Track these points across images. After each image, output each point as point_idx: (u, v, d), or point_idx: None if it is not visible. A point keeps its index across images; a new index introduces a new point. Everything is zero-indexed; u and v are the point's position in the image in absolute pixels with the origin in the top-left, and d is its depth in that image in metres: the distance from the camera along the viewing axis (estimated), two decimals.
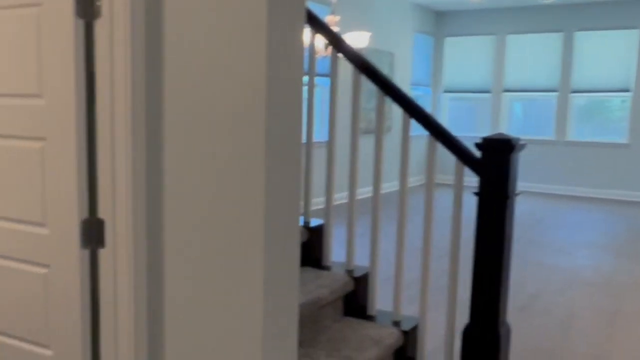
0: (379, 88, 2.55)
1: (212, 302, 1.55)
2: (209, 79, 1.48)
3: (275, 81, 1.45)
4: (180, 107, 1.53)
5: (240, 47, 1.43)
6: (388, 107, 9.19)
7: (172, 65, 1.52)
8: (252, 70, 1.42)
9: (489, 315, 2.42)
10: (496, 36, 10.15)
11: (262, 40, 1.40)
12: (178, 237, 1.58)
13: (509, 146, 2.33)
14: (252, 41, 1.41)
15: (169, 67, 1.53)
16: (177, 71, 1.52)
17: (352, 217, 2.69)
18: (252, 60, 1.42)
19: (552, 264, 5.35)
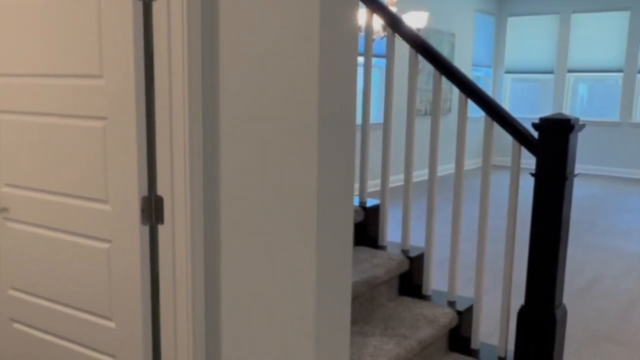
0: (436, 69, 2.52)
1: (266, 277, 1.59)
2: (263, 60, 1.50)
3: (328, 62, 1.45)
4: (235, 87, 1.55)
5: (294, 29, 1.44)
6: (448, 88, 9.03)
7: (227, 45, 1.55)
8: (305, 51, 1.43)
9: (544, 297, 2.37)
10: (560, 15, 9.79)
11: (315, 21, 1.41)
12: (233, 214, 1.62)
13: (567, 126, 2.26)
14: (305, 22, 1.42)
15: (224, 47, 1.56)
16: (232, 51, 1.55)
17: (408, 198, 2.68)
18: (306, 40, 1.43)
19: (614, 248, 5.18)
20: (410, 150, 2.66)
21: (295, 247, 1.52)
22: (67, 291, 1.96)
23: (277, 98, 1.49)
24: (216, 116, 1.60)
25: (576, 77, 9.82)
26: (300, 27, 1.43)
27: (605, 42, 9.47)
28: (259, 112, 1.52)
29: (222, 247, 1.66)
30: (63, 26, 1.78)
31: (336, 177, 1.54)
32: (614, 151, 9.50)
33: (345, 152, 1.57)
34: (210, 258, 1.69)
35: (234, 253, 1.63)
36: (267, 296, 1.59)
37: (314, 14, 1.41)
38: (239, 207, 1.60)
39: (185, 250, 1.67)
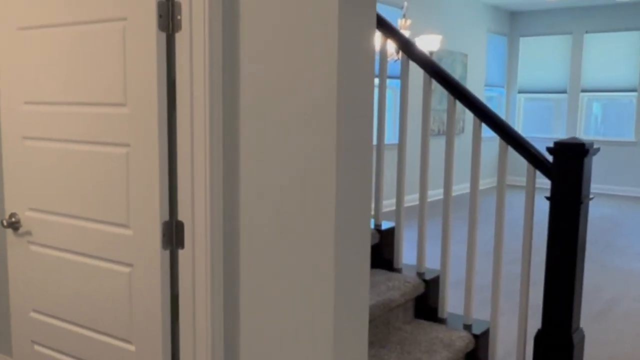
0: (450, 93, 2.55)
1: (285, 302, 1.61)
2: (283, 87, 1.54)
3: (346, 85, 1.49)
4: (255, 114, 1.59)
5: (313, 54, 1.48)
6: (461, 108, 9.06)
7: (247, 74, 1.60)
8: (324, 76, 1.47)
9: (561, 321, 2.37)
10: (572, 35, 9.82)
11: (334, 46, 1.45)
12: (252, 238, 1.65)
13: (582, 151, 2.28)
14: (324, 47, 1.46)
15: (244, 76, 1.60)
16: (252, 79, 1.59)
17: (422, 220, 2.70)
18: (324, 66, 1.46)
19: (631, 269, 5.14)
20: (425, 172, 2.68)
21: (314, 271, 1.55)
22: (88, 314, 2.00)
23: (296, 125, 1.52)
24: (236, 144, 1.64)
25: (590, 96, 9.81)
26: (318, 55, 1.47)
27: (618, 62, 9.47)
28: (278, 139, 1.56)
29: (241, 272, 1.68)
30: (89, 56, 1.84)
31: (354, 200, 1.57)
32: (630, 171, 9.45)
33: (362, 175, 1.60)
34: (230, 283, 1.71)
35: (253, 277, 1.66)
36: (285, 320, 1.61)
37: (332, 44, 1.45)
38: (258, 231, 1.63)
39: (204, 275, 1.70)
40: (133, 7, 1.70)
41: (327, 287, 1.53)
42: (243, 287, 1.69)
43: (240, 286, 1.69)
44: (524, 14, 10.24)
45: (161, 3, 1.65)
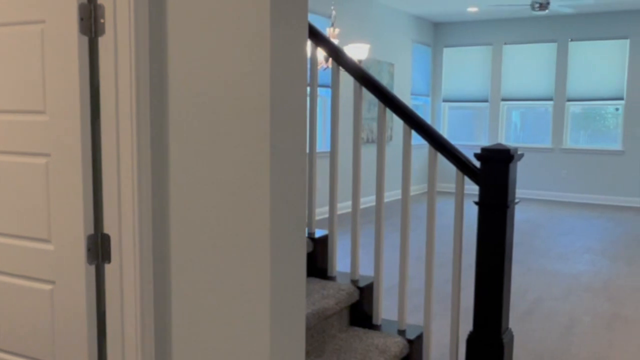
0: (380, 100, 2.58)
1: (219, 316, 1.56)
2: (214, 93, 1.50)
3: (280, 90, 1.47)
4: (185, 122, 1.54)
5: (245, 59, 1.45)
6: (389, 116, 9.23)
7: (176, 81, 1.54)
8: (256, 82, 1.44)
9: (492, 322, 2.43)
10: (493, 46, 10.22)
11: (266, 51, 1.42)
12: (184, 250, 1.59)
13: (507, 156, 2.35)
14: (256, 53, 1.43)
15: (173, 83, 1.55)
16: (181, 87, 1.54)
17: (356, 228, 2.70)
18: (257, 72, 1.43)
19: (553, 270, 5.36)
20: (357, 179, 2.69)
21: (249, 282, 1.51)
22: (6, 336, 1.87)
23: (228, 132, 1.49)
24: (165, 152, 1.58)
25: (509, 105, 10.22)
26: (250, 61, 1.44)
27: (536, 72, 9.93)
28: (209, 147, 1.51)
29: (172, 286, 1.62)
30: (5, 61, 1.73)
31: (289, 209, 1.55)
32: (547, 176, 9.90)
33: (297, 182, 1.57)
34: (160, 297, 1.65)
35: (186, 291, 1.60)
36: (221, 335, 1.56)
37: (264, 49, 1.42)
38: (190, 243, 1.58)
39: (133, 290, 1.63)
40: (52, 10, 1.62)
41: (263, 298, 1.50)
42: (175, 302, 1.62)
43: (172, 301, 1.63)
44: (447, 25, 10.57)
45: (83, 5, 1.57)
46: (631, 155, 9.26)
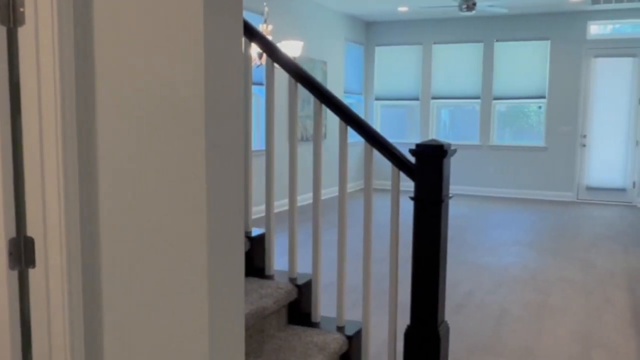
0: (317, 97, 2.56)
1: (155, 320, 1.50)
2: (146, 88, 1.43)
3: (215, 85, 1.42)
4: (115, 118, 1.47)
5: (178, 53, 1.39)
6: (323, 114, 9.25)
7: (104, 76, 1.47)
8: (191, 76, 1.39)
9: (428, 316, 2.46)
10: (423, 46, 10.43)
11: (200, 44, 1.37)
12: (116, 254, 1.52)
13: (441, 152, 2.39)
14: (189, 46, 1.38)
15: (101, 79, 1.47)
16: (110, 83, 1.46)
17: (293, 226, 2.68)
18: (191, 66, 1.38)
19: (484, 263, 5.52)
20: (294, 177, 2.67)
21: (186, 285, 1.45)
22: None
23: (161, 129, 1.43)
24: (93, 150, 1.50)
25: (439, 103, 10.47)
26: (184, 54, 1.39)
27: (464, 71, 10.21)
28: (142, 144, 1.45)
29: (103, 290, 1.54)
30: None
31: (226, 207, 1.50)
32: (476, 172, 10.21)
33: (234, 182, 1.53)
34: (91, 303, 1.57)
35: (118, 296, 1.53)
36: (157, 341, 1.50)
37: (198, 42, 1.37)
38: (122, 246, 1.51)
39: (61, 296, 1.54)
40: None
41: (200, 301, 1.45)
42: (107, 308, 1.55)
43: (103, 307, 1.55)
44: (378, 24, 10.71)
45: None
46: (553, 151, 9.68)
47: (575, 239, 6.70)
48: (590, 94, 9.37)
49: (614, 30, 9.35)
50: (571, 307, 4.26)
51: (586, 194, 9.51)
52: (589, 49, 9.34)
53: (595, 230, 7.18)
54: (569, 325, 3.89)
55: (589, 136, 9.43)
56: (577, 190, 9.56)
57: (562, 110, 9.57)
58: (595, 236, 6.85)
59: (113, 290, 1.53)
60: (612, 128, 9.29)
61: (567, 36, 9.46)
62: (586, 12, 9.32)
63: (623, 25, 9.27)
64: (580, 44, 9.38)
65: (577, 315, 4.11)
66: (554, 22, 9.54)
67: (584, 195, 9.53)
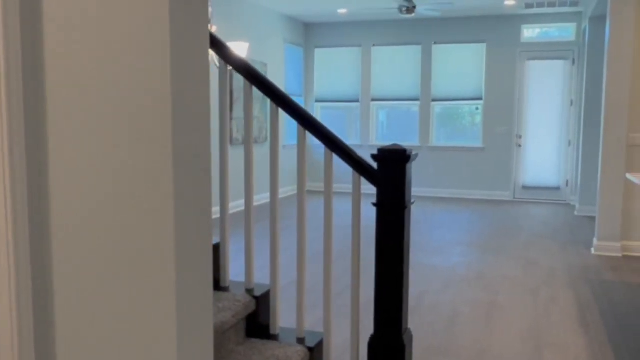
0: (272, 100, 2.47)
1: (118, 337, 1.37)
2: (104, 90, 1.31)
3: (181, 86, 1.31)
4: (68, 120, 1.33)
5: (140, 53, 1.28)
6: (265, 117, 9.13)
7: (55, 73, 1.33)
8: (155, 74, 1.27)
9: (393, 324, 2.41)
10: (362, 48, 10.48)
11: (166, 42, 1.26)
12: (70, 269, 1.38)
13: (404, 157, 2.34)
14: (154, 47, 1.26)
15: (51, 76, 1.33)
16: (62, 81, 1.33)
17: (250, 235, 2.57)
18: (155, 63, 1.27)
19: (431, 264, 5.56)
20: (250, 182, 2.56)
21: (152, 301, 1.34)
22: None
23: (124, 132, 1.30)
24: (44, 157, 1.36)
25: (379, 105, 10.55)
26: (148, 51, 1.27)
27: (403, 73, 10.33)
28: (101, 150, 1.32)
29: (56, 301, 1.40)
30: None
31: (195, 214, 1.39)
32: (416, 173, 10.34)
33: (202, 187, 1.42)
34: (42, 313, 1.42)
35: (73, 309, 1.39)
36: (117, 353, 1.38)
37: (163, 41, 1.26)
38: (78, 260, 1.37)
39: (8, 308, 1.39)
40: None
41: (168, 314, 1.33)
42: (61, 323, 1.41)
43: (55, 320, 1.41)
44: (317, 25, 10.68)
45: None
46: (490, 151, 9.93)
47: (515, 237, 6.87)
48: (525, 95, 9.67)
49: (547, 34, 9.68)
50: (519, 306, 4.34)
51: (522, 193, 9.80)
52: (523, 52, 9.63)
53: (533, 229, 7.39)
54: (520, 324, 3.95)
55: (524, 137, 9.72)
56: (513, 189, 9.84)
57: (499, 111, 9.83)
58: (533, 234, 7.04)
59: (68, 312, 1.39)
60: (546, 129, 9.62)
61: (502, 39, 9.72)
62: (520, 16, 9.61)
63: (554, 29, 9.61)
64: (515, 47, 9.66)
65: (526, 313, 4.18)
66: (489, 25, 9.78)
67: (520, 194, 9.81)
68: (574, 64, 9.35)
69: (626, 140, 5.88)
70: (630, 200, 5.97)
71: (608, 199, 5.96)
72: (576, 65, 9.31)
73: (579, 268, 5.46)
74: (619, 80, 5.83)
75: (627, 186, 5.95)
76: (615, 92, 5.85)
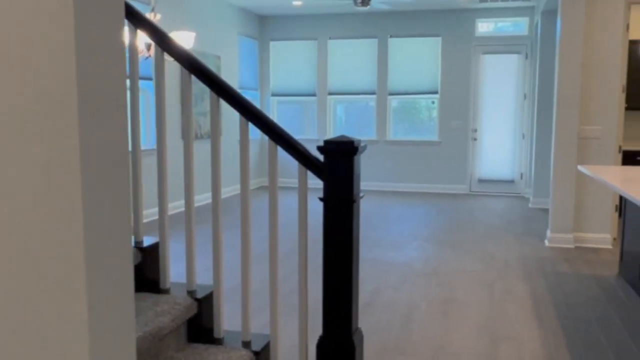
0: (213, 90, 2.32)
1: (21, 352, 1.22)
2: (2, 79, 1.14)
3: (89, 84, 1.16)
4: None
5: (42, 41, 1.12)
6: None
7: None
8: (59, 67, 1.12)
9: (342, 325, 2.30)
10: (318, 41, 10.35)
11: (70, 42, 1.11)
12: None
13: (352, 149, 2.23)
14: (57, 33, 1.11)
15: None
16: None
17: (190, 234, 2.42)
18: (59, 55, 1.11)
19: (387, 259, 5.49)
20: (190, 180, 2.41)
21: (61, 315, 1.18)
22: None
23: (25, 129, 1.15)
24: None
25: (336, 99, 10.45)
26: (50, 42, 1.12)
27: (360, 67, 10.25)
28: None
29: None
30: None
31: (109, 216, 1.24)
32: (373, 167, 10.29)
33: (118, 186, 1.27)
34: None
35: None
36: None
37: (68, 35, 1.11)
38: None
39: None
40: None
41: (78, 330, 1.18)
42: None
43: None
44: (272, 18, 10.51)
45: None
46: (447, 145, 9.95)
47: (471, 230, 6.87)
48: (480, 89, 9.71)
49: (500, 28, 9.74)
50: (475, 300, 4.30)
51: (478, 186, 9.86)
52: (477, 45, 9.67)
53: (489, 222, 7.41)
54: (476, 319, 3.90)
55: (480, 130, 9.77)
56: (469, 182, 9.88)
57: (454, 105, 9.85)
58: (489, 227, 7.06)
59: None
60: (500, 122, 9.68)
61: (457, 33, 9.73)
62: (474, 10, 9.64)
63: (508, 24, 9.67)
64: (470, 41, 9.69)
65: (482, 308, 4.14)
66: (444, 19, 9.79)
67: (476, 188, 9.87)
68: (527, 58, 9.43)
69: (578, 132, 5.92)
70: (582, 192, 6.02)
71: (560, 191, 6.00)
72: (529, 59, 9.40)
73: (534, 260, 5.47)
74: (570, 73, 5.86)
75: (579, 178, 6.00)
76: (566, 85, 5.88)
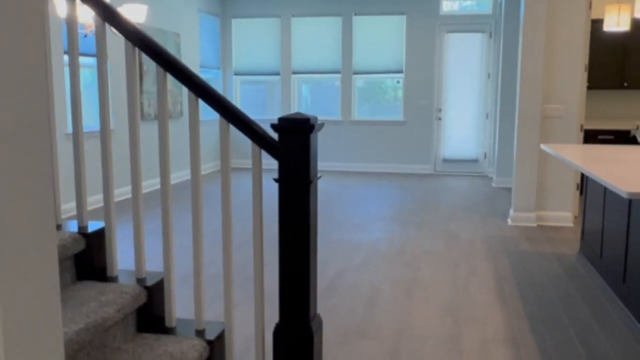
0: (159, 65, 2.17)
1: None
2: None
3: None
4: None
5: None
6: (178, 91, 8.67)
7: None
8: None
9: (299, 312, 2.20)
10: (281, 19, 10.14)
11: None
12: None
13: (308, 126, 2.11)
14: None
15: None
16: None
17: (138, 218, 2.28)
18: None
19: (351, 240, 5.42)
20: (137, 161, 2.27)
21: None
22: None
23: None
24: None
25: (300, 78, 10.28)
26: None
27: (324, 46, 10.09)
28: None
29: None
30: None
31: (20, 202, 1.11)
32: (338, 148, 10.19)
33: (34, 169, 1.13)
34: None
35: None
36: None
37: None
38: None
39: None
40: None
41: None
42: None
43: None
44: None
45: None
46: (412, 125, 9.90)
47: (436, 211, 6.84)
48: (445, 68, 9.66)
49: (465, 7, 9.68)
50: (439, 281, 4.25)
51: (442, 166, 9.85)
52: (442, 24, 9.59)
53: (453, 201, 7.40)
54: (439, 301, 3.86)
55: (444, 110, 9.74)
56: (434, 162, 9.87)
57: (419, 84, 9.79)
58: (454, 207, 7.04)
59: None
60: (464, 102, 9.66)
61: (422, 11, 9.64)
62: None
63: (472, 3, 9.62)
64: (434, 19, 9.60)
65: (446, 289, 4.09)
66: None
67: (440, 167, 9.86)
68: (491, 37, 9.41)
69: (540, 111, 5.91)
70: (544, 171, 6.03)
71: (523, 170, 6.00)
72: (493, 38, 9.37)
73: (497, 239, 5.47)
74: (534, 52, 5.82)
75: (542, 157, 6.00)
76: (529, 64, 5.85)
